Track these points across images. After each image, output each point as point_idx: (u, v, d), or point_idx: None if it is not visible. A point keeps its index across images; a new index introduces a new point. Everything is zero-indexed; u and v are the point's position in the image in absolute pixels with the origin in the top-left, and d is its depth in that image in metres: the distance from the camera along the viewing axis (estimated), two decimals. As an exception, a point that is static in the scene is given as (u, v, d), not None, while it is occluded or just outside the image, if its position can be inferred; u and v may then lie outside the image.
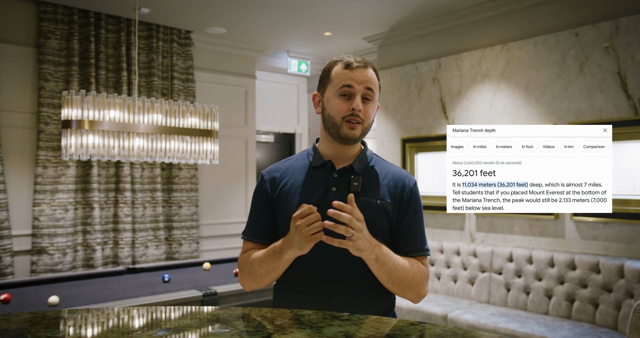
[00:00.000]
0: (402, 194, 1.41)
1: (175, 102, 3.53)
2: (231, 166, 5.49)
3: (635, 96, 3.43)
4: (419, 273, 1.36)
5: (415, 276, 1.35)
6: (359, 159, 1.42)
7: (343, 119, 1.35)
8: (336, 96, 1.36)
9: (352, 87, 1.35)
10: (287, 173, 1.45)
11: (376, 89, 1.39)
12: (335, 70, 1.38)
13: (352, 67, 1.36)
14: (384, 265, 1.29)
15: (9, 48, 4.19)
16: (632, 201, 3.40)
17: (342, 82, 1.35)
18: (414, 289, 1.36)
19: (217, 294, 2.86)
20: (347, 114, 1.35)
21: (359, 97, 1.35)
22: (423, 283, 1.38)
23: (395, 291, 1.37)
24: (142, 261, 4.66)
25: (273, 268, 1.34)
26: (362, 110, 1.35)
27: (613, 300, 3.23)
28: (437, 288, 4.28)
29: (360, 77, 1.35)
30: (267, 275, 1.36)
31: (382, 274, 1.31)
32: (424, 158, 4.84)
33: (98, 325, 1.19)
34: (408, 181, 1.43)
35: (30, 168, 4.24)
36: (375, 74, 1.40)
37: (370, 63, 1.41)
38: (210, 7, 4.41)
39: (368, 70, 1.37)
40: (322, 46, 5.64)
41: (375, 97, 1.38)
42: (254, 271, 1.38)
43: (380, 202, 1.37)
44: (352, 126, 1.35)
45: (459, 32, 4.55)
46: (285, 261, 1.31)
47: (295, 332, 1.04)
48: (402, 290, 1.35)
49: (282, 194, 1.41)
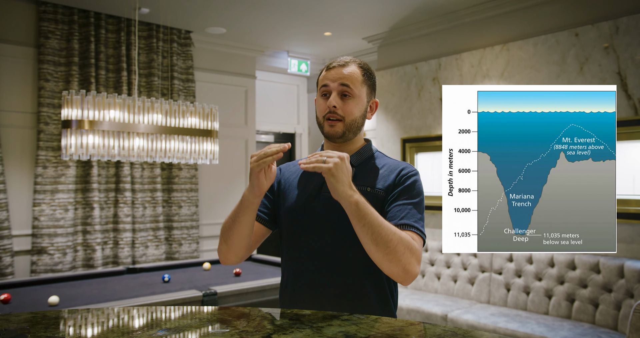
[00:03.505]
0: (395, 178, 1.38)
1: (175, 102, 3.53)
2: (231, 166, 5.49)
3: (635, 96, 3.43)
4: (406, 239, 1.25)
5: (402, 240, 1.24)
6: (357, 154, 1.45)
7: (324, 118, 1.40)
8: (319, 97, 1.43)
9: (328, 86, 1.40)
10: (291, 167, 1.54)
11: (355, 84, 1.39)
12: (321, 74, 1.45)
13: (330, 67, 1.42)
14: (366, 216, 1.21)
15: (9, 48, 4.19)
16: (632, 201, 3.40)
17: (321, 83, 1.42)
18: (401, 258, 1.23)
19: (217, 294, 2.86)
20: (326, 112, 1.39)
21: (334, 94, 1.39)
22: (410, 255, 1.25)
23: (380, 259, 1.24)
24: (142, 261, 4.66)
25: (235, 214, 1.36)
26: (339, 107, 1.38)
27: (613, 300, 3.23)
28: (437, 288, 4.28)
29: (335, 75, 1.39)
30: (231, 227, 1.37)
31: (365, 229, 1.22)
32: (424, 158, 4.84)
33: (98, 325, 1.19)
34: (405, 167, 1.41)
35: (30, 168, 4.24)
36: (362, 70, 1.42)
37: (357, 61, 1.43)
38: (210, 7, 4.41)
39: (346, 68, 1.40)
40: (322, 45, 5.64)
41: (355, 93, 1.39)
42: (223, 231, 1.41)
43: (371, 189, 1.38)
44: (331, 123, 1.39)
45: (459, 32, 4.56)
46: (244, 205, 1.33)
47: (295, 332, 1.04)
48: (388, 256, 1.22)
49: (284, 187, 1.49)
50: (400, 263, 1.23)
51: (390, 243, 1.22)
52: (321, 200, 1.39)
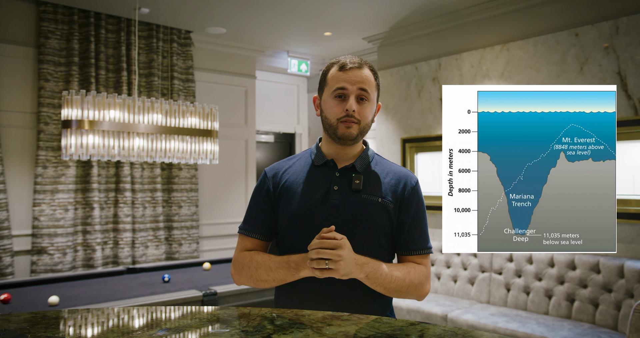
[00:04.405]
0: (403, 192, 1.42)
1: (175, 102, 3.53)
2: (231, 166, 5.49)
3: (635, 96, 3.43)
4: (416, 277, 1.38)
5: (412, 282, 1.37)
6: (360, 159, 1.44)
7: (338, 121, 1.37)
8: (331, 98, 1.39)
9: (346, 89, 1.36)
10: (289, 171, 1.47)
11: (372, 88, 1.39)
12: (331, 72, 1.40)
13: (346, 68, 1.37)
14: (377, 280, 1.32)
15: (9, 48, 4.19)
16: (632, 201, 3.40)
17: (336, 84, 1.37)
18: (413, 293, 1.39)
19: (217, 294, 2.86)
20: (342, 115, 1.36)
21: (353, 99, 1.36)
22: (423, 284, 1.40)
23: (394, 297, 1.40)
24: (142, 261, 4.66)
25: (282, 280, 1.36)
26: (357, 110, 1.36)
27: (613, 300, 3.23)
28: (437, 288, 4.28)
29: (353, 78, 1.36)
30: (271, 283, 1.39)
31: (377, 287, 1.34)
32: (423, 158, 4.84)
33: (98, 325, 1.19)
34: (410, 179, 1.45)
35: (30, 168, 4.24)
36: (373, 74, 1.41)
37: (367, 63, 1.42)
38: (210, 7, 4.41)
39: (363, 70, 1.38)
40: (322, 45, 5.64)
41: (371, 97, 1.39)
42: (257, 276, 1.39)
43: (382, 200, 1.38)
44: (348, 124, 1.37)
45: (459, 32, 4.56)
46: (298, 277, 1.34)
47: (295, 332, 1.04)
48: (400, 296, 1.38)
49: (284, 192, 1.43)
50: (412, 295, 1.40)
51: (402, 288, 1.36)
52: (326, 208, 1.37)
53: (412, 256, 1.42)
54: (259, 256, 1.40)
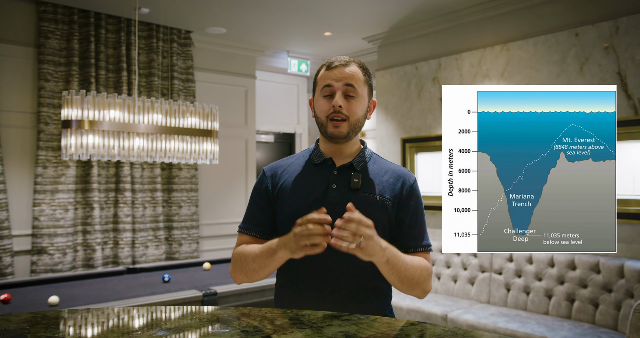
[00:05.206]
0: (401, 191, 1.42)
1: (175, 102, 3.53)
2: (231, 166, 5.49)
3: (635, 96, 3.43)
4: (425, 270, 1.38)
5: (422, 274, 1.36)
6: (358, 157, 1.45)
7: (327, 118, 1.39)
8: (320, 97, 1.41)
9: (332, 86, 1.38)
10: (288, 170, 1.48)
11: (359, 84, 1.40)
12: (320, 73, 1.43)
13: (332, 66, 1.40)
14: (394, 267, 1.30)
15: (9, 48, 4.19)
16: (632, 201, 3.40)
17: (323, 82, 1.40)
18: (420, 286, 1.37)
19: (217, 294, 2.86)
20: (330, 112, 1.38)
21: (339, 95, 1.37)
22: (428, 279, 1.40)
23: (402, 290, 1.38)
24: (142, 261, 4.66)
25: (265, 265, 1.34)
26: (344, 106, 1.37)
27: (613, 300, 3.23)
28: (437, 288, 4.28)
29: (339, 75, 1.38)
30: (258, 271, 1.37)
31: (392, 275, 1.32)
32: (423, 158, 4.84)
33: (98, 325, 1.19)
34: (408, 177, 1.45)
35: (30, 168, 4.24)
36: (362, 70, 1.42)
37: (356, 60, 1.43)
38: (210, 7, 4.41)
39: (348, 67, 1.39)
40: (322, 45, 5.64)
41: (359, 93, 1.39)
42: (246, 265, 1.38)
43: (380, 198, 1.39)
44: (335, 123, 1.38)
45: (459, 32, 4.56)
46: (277, 260, 1.31)
47: (295, 332, 1.04)
48: (410, 288, 1.36)
49: (283, 190, 1.44)
50: (419, 288, 1.38)
51: (414, 279, 1.34)
52: (326, 206, 1.36)
53: (414, 253, 1.42)
54: (248, 246, 1.41)
